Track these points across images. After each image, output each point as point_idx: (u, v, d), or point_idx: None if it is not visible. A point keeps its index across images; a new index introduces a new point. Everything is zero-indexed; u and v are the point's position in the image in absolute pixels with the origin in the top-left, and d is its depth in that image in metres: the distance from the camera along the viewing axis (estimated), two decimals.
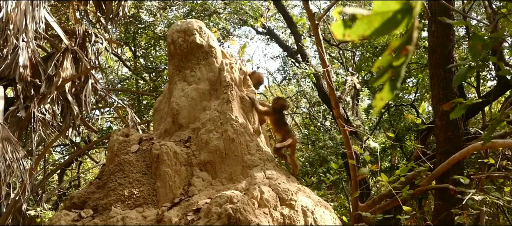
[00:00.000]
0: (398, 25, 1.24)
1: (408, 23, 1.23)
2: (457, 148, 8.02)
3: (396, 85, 1.28)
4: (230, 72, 6.19)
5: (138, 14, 16.98)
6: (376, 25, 1.25)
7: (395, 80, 1.28)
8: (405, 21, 1.23)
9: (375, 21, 1.24)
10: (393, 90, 1.29)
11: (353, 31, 1.26)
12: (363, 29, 1.25)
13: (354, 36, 1.27)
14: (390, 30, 1.26)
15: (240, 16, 18.18)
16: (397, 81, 1.28)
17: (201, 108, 6.04)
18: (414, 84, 16.69)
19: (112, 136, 5.90)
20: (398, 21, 1.23)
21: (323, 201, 5.90)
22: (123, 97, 17.19)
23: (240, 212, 4.48)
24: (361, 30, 1.26)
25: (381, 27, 1.25)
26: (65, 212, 5.13)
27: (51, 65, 9.57)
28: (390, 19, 1.23)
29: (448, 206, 7.45)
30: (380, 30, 1.25)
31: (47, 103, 9.68)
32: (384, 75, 1.29)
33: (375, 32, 1.26)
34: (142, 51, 18.07)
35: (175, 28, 6.55)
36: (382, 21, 1.24)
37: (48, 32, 10.73)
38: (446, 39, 8.99)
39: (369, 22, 1.24)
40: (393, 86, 1.28)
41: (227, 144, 5.58)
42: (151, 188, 5.31)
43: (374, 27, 1.25)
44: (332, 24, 1.29)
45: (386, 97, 1.33)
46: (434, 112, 9.45)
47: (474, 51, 2.87)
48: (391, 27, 1.25)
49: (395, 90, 1.29)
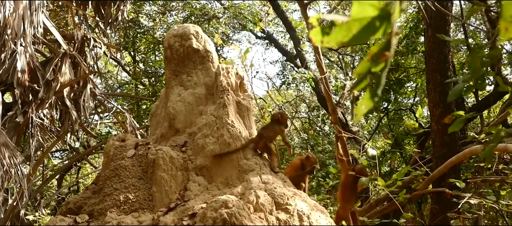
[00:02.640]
0: (376, 31, 1.25)
1: (386, 30, 1.24)
2: (454, 152, 8.04)
3: (377, 92, 1.28)
4: (226, 77, 6.19)
5: (137, 19, 17.00)
6: (354, 32, 1.25)
7: (376, 87, 1.28)
8: (383, 27, 1.23)
9: (353, 27, 1.24)
10: (373, 97, 1.29)
11: (331, 37, 1.26)
12: (341, 36, 1.26)
13: (332, 42, 1.27)
14: (368, 36, 1.26)
15: (240, 20, 18.21)
16: (378, 88, 1.28)
17: (197, 113, 6.04)
18: (413, 89, 16.70)
19: (108, 141, 5.90)
20: (376, 27, 1.24)
21: (319, 205, 5.89)
22: (122, 102, 17.19)
23: (235, 216, 4.47)
24: (340, 37, 1.26)
25: (359, 34, 1.25)
26: (60, 218, 5.13)
27: (49, 70, 9.55)
28: (368, 25, 1.24)
29: (444, 209, 7.45)
30: (358, 37, 1.26)
31: (45, 109, 9.66)
32: (363, 82, 1.30)
33: (353, 38, 1.26)
34: (141, 56, 18.09)
35: (171, 33, 6.56)
36: (360, 27, 1.24)
37: (46, 36, 10.73)
38: (443, 45, 9.01)
39: (348, 28, 1.25)
40: (374, 93, 1.28)
41: (223, 148, 5.58)
42: (147, 193, 5.30)
43: (352, 34, 1.25)
44: (311, 30, 1.29)
45: (367, 105, 1.33)
46: (430, 116, 9.46)
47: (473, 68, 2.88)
48: (369, 33, 1.25)
49: (376, 97, 1.29)
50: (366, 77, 1.29)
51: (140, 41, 17.41)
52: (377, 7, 1.21)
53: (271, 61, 30.34)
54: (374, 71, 1.26)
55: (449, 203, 7.34)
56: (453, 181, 6.68)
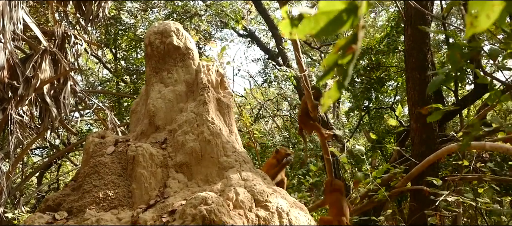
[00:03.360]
0: (343, 24, 1.27)
1: (353, 23, 1.26)
2: (432, 150, 8.11)
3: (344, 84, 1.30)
4: (207, 74, 6.20)
5: (118, 16, 16.93)
6: (322, 25, 1.27)
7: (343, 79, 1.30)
8: (350, 21, 1.26)
9: (321, 20, 1.26)
10: (340, 88, 1.31)
11: (299, 30, 1.29)
12: (309, 28, 1.28)
13: (301, 34, 1.29)
14: (335, 29, 1.28)
15: (222, 18, 18.21)
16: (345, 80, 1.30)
17: (177, 110, 6.05)
18: (393, 88, 16.81)
19: (88, 137, 5.88)
20: (344, 21, 1.26)
21: (298, 202, 5.92)
22: (103, 99, 17.12)
23: (214, 213, 4.48)
24: (308, 29, 1.28)
25: (326, 26, 1.27)
26: (39, 215, 5.10)
27: (29, 67, 9.47)
28: (335, 18, 1.26)
29: (422, 207, 7.53)
30: (325, 29, 1.28)
31: (25, 106, 9.59)
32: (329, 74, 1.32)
33: (321, 31, 1.28)
34: (122, 53, 18.01)
35: (152, 30, 6.56)
36: (327, 20, 1.26)
37: (26, 33, 10.63)
38: (422, 43, 9.08)
39: (315, 21, 1.27)
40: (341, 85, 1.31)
41: (203, 145, 5.58)
42: (126, 189, 5.29)
43: (320, 26, 1.27)
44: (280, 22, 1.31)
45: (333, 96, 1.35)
46: (410, 115, 9.54)
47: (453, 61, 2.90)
48: (336, 26, 1.28)
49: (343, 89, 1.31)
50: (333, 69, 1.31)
51: (122, 39, 17.33)
52: (345, 0, 1.24)
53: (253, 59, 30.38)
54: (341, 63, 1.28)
55: (427, 201, 7.41)
56: (431, 179, 6.75)
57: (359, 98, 14.76)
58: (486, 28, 1.27)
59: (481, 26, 1.23)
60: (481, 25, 1.22)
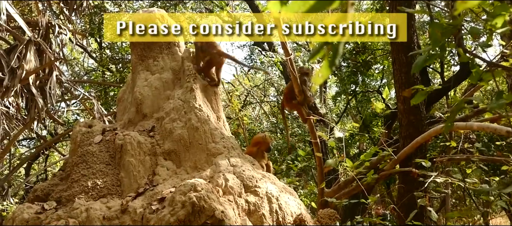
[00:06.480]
0: (332, 2, 1.26)
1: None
2: (420, 132, 8.13)
3: (334, 62, 1.29)
4: (193, 61, 6.18)
5: (102, 4, 16.80)
6: (311, 2, 1.26)
7: (333, 56, 1.29)
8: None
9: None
10: (331, 66, 1.30)
11: (289, 8, 1.27)
12: (298, 6, 1.27)
13: (290, 13, 1.28)
14: (324, 7, 1.27)
15: (206, 5, 18.12)
16: (335, 58, 1.29)
17: (164, 97, 6.03)
18: (380, 71, 16.84)
19: (75, 127, 5.84)
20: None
21: (287, 187, 5.94)
22: (89, 89, 17.01)
23: (204, 199, 4.48)
24: (296, 7, 1.27)
25: (316, 4, 1.26)
26: (28, 205, 5.06)
27: (14, 58, 9.38)
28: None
29: (411, 189, 7.55)
30: (315, 7, 1.26)
31: (10, 97, 9.51)
32: (320, 52, 1.31)
33: (310, 9, 1.27)
34: (107, 42, 17.89)
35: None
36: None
37: (10, 24, 10.53)
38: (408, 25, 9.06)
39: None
40: (332, 62, 1.30)
41: (191, 132, 5.57)
42: (115, 178, 5.27)
43: (309, 4, 1.26)
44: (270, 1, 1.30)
45: (324, 74, 1.34)
46: (396, 97, 9.56)
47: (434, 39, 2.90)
48: (325, 3, 1.26)
49: (333, 66, 1.30)
50: (322, 47, 1.30)
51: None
52: None
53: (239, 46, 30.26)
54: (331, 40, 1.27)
55: (416, 183, 7.44)
56: (419, 161, 6.78)
57: (345, 82, 14.77)
58: (476, 5, 1.26)
59: (471, 2, 1.22)
60: (470, 1, 1.22)
